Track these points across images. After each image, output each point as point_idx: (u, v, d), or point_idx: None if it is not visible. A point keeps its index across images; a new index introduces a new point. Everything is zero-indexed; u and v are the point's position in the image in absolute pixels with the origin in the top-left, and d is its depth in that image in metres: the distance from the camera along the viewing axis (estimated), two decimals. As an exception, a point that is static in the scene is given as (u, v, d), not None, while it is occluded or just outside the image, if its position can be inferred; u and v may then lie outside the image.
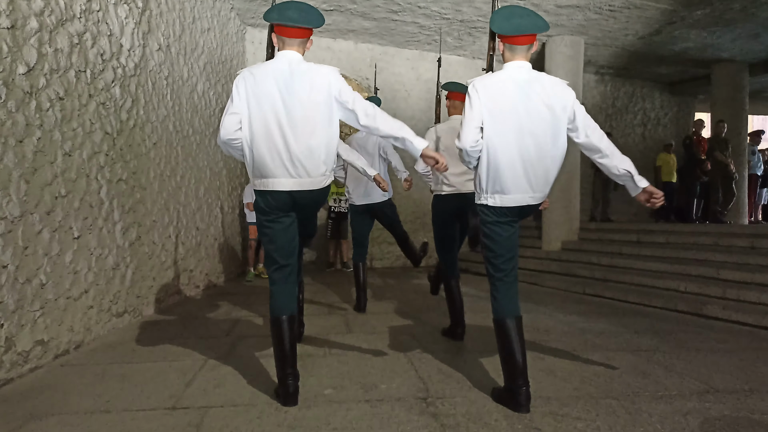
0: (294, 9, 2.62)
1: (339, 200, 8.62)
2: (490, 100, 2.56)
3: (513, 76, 2.59)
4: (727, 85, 9.83)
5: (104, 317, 3.99)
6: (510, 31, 2.57)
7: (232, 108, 2.60)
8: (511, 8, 2.64)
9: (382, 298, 5.93)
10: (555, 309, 5.37)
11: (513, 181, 2.58)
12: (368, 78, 9.20)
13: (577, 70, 8.56)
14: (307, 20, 2.62)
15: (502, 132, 2.55)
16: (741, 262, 5.85)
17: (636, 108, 11.44)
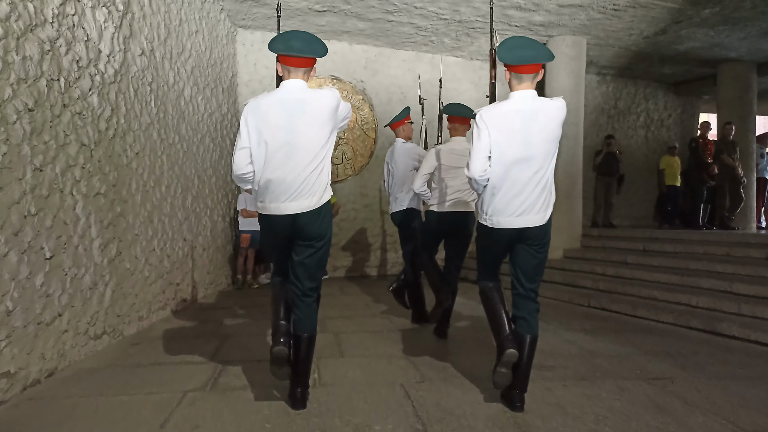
0: (297, 39, 2.71)
1: None
2: (496, 131, 2.71)
3: (518, 106, 2.73)
4: (734, 86, 9.58)
5: (80, 341, 3.73)
6: (516, 61, 2.70)
7: (241, 142, 2.71)
8: (517, 39, 2.75)
9: (378, 312, 5.67)
10: (559, 325, 5.12)
11: (513, 205, 2.76)
12: (363, 80, 8.93)
13: (579, 72, 8.30)
14: (311, 50, 2.71)
15: (505, 160, 2.70)
16: (756, 274, 5.60)
17: (639, 109, 11.19)
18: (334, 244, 8.80)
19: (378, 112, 9.02)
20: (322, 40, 2.78)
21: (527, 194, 2.73)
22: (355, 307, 5.96)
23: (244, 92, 8.31)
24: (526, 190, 2.72)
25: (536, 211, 2.75)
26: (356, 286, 7.65)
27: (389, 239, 9.15)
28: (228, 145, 7.61)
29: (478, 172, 2.73)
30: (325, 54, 2.77)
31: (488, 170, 2.73)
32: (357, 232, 8.98)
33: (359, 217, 8.98)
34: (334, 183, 8.78)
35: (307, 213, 2.69)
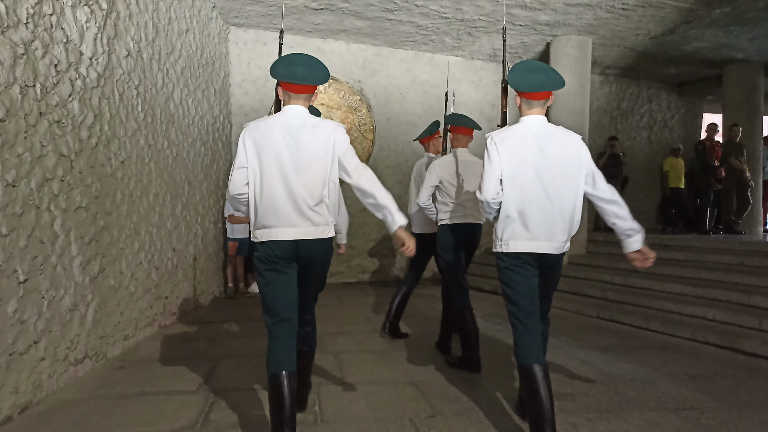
0: (300, 64, 2.61)
1: None
2: (508, 154, 2.63)
3: (530, 130, 2.66)
4: (740, 87, 9.35)
5: (59, 368, 3.43)
6: (527, 88, 2.64)
7: (238, 162, 2.60)
8: (529, 64, 2.69)
9: (378, 327, 5.40)
10: (571, 340, 4.87)
11: (528, 230, 2.65)
12: (360, 80, 8.63)
13: (584, 73, 8.05)
14: (315, 78, 2.62)
15: (518, 184, 2.63)
16: (773, 286, 5.37)
17: (642, 110, 10.95)
18: (331, 250, 8.52)
19: (376, 114, 8.73)
20: (324, 65, 2.69)
21: (543, 218, 2.64)
22: (355, 321, 5.68)
23: (237, 93, 8.01)
24: (541, 214, 2.64)
25: (557, 237, 2.68)
26: (355, 295, 7.37)
27: (387, 244, 8.87)
28: (220, 149, 7.31)
29: (491, 195, 2.65)
30: (327, 80, 2.71)
31: (500, 193, 2.66)
32: (354, 237, 8.69)
33: (356, 222, 8.68)
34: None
35: (310, 240, 2.62)
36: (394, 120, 8.88)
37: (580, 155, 2.66)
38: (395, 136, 8.89)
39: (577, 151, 2.66)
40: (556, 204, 2.63)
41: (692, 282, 5.94)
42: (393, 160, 8.89)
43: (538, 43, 8.40)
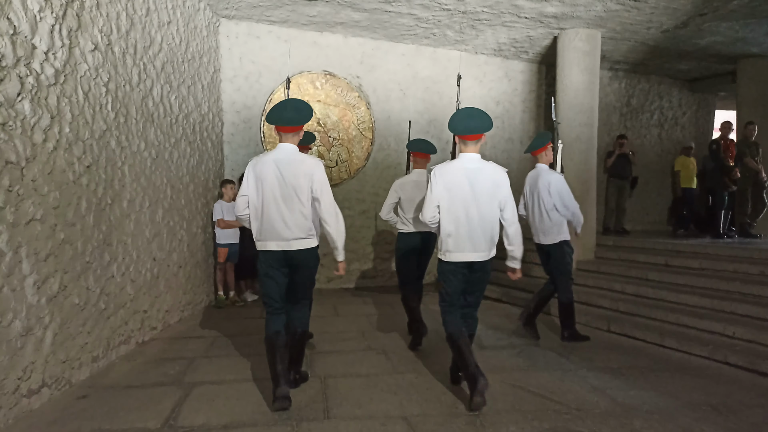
0: (290, 109, 3.44)
1: None
2: (444, 186, 3.44)
3: (463, 165, 3.44)
4: (755, 83, 8.90)
5: (6, 402, 3.06)
6: (462, 132, 3.43)
7: (242, 190, 3.51)
8: (467, 111, 3.45)
9: (373, 343, 5.02)
10: (580, 360, 4.48)
11: (459, 245, 3.48)
12: (359, 76, 8.22)
13: (593, 68, 7.61)
14: (299, 119, 3.45)
15: (452, 208, 3.45)
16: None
17: (652, 107, 10.51)
18: (329, 254, 8.14)
19: (375, 111, 8.33)
20: (310, 106, 3.51)
21: (471, 235, 3.46)
22: (348, 336, 5.30)
23: (229, 89, 7.61)
24: (470, 232, 3.45)
25: (483, 248, 3.50)
26: (352, 304, 6.99)
27: (387, 248, 8.49)
28: (209, 148, 6.93)
29: (428, 218, 3.51)
30: (310, 119, 3.52)
31: (437, 216, 3.49)
32: (352, 241, 8.30)
33: (355, 225, 8.30)
34: (326, 188, 8.10)
35: (295, 251, 3.46)
36: (394, 118, 8.47)
37: (500, 186, 3.44)
38: (396, 135, 8.48)
39: (498, 183, 3.44)
40: (479, 225, 3.44)
41: (709, 293, 5.53)
42: (393, 160, 8.49)
43: (545, 37, 7.98)
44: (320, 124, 7.98)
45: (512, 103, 9.33)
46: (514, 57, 9.10)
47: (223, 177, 7.40)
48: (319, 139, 7.99)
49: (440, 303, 3.66)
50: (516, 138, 9.40)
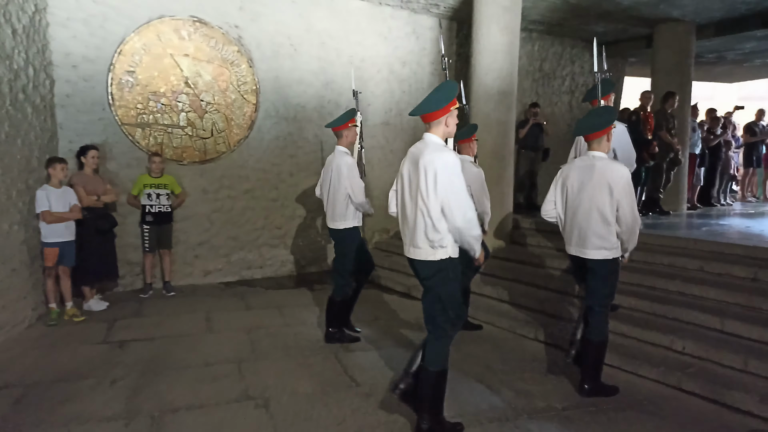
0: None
1: (156, 195, 5.97)
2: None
3: (411, 149, 3.01)
4: (671, 49, 8.43)
5: None
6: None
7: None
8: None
9: (254, 387, 3.81)
10: (514, 396, 3.57)
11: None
12: (238, 26, 6.66)
13: (513, 27, 6.64)
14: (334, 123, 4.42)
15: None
16: (748, 304, 4.38)
17: (564, 72, 9.85)
18: (205, 242, 6.72)
19: (260, 70, 6.84)
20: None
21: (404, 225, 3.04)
22: (218, 372, 4.04)
23: (61, 36, 5.77)
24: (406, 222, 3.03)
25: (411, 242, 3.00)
26: (231, 310, 5.66)
27: (277, 233, 7.19)
28: (30, 115, 5.17)
29: (390, 209, 3.34)
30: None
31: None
32: (234, 225, 6.92)
33: (237, 207, 6.91)
34: (201, 162, 6.61)
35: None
36: (284, 79, 7.04)
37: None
38: (286, 100, 7.08)
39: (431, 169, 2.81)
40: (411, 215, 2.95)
41: (645, 293, 4.86)
42: (283, 129, 7.10)
43: (459, -12, 6.86)
44: (189, 85, 6.38)
45: (420, 65, 8.20)
46: (423, 11, 7.93)
47: (55, 152, 5.65)
48: (189, 104, 6.41)
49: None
50: (425, 104, 8.31)
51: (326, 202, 4.58)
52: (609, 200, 3.39)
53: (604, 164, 3.45)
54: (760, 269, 4.68)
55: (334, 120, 4.56)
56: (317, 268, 7.56)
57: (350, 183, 4.35)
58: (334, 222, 4.52)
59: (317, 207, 7.45)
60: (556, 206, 3.72)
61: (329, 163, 4.52)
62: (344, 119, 4.45)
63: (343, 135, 4.47)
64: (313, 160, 7.36)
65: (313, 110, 7.27)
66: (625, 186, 3.38)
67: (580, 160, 3.63)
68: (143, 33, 6.09)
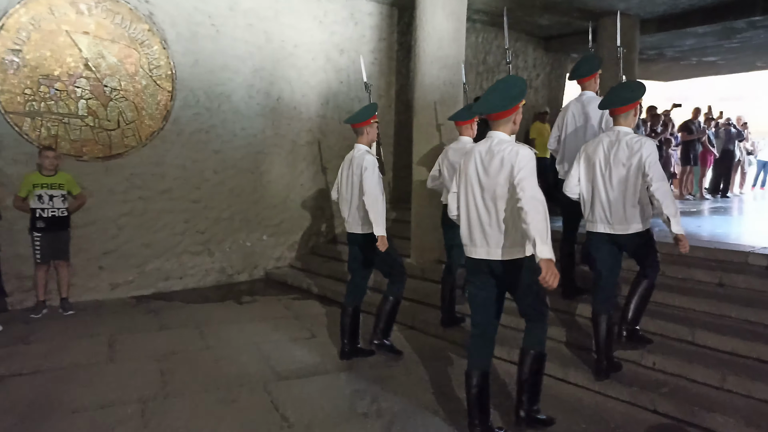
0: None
1: (49, 197, 5.09)
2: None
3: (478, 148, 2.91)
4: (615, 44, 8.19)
5: None
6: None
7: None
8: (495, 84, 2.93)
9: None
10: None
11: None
12: (149, 1, 5.79)
13: (460, 14, 6.12)
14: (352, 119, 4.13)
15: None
16: (717, 312, 4.05)
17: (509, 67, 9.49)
18: (113, 251, 5.83)
19: (176, 52, 5.99)
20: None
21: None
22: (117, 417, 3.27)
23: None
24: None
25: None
26: (140, 331, 4.84)
27: (199, 238, 6.38)
28: None
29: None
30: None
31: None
32: (149, 231, 6.06)
33: (151, 210, 6.04)
34: (106, 159, 5.71)
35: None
36: (205, 63, 6.23)
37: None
38: (208, 87, 6.27)
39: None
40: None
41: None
42: (205, 121, 6.29)
43: (401, -32, 6.29)
44: (89, 67, 5.47)
45: (360, 53, 7.55)
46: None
47: None
48: (90, 90, 5.49)
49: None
50: (364, 97, 7.68)
51: (347, 206, 4.15)
52: (637, 175, 3.37)
53: (632, 139, 3.41)
54: (725, 273, 4.39)
55: (354, 115, 4.17)
56: (247, 277, 6.80)
57: (368, 185, 3.88)
58: (360, 226, 4.08)
59: (247, 208, 6.70)
60: (580, 183, 3.63)
61: (348, 163, 4.13)
62: (367, 115, 4.08)
63: (365, 132, 4.11)
64: (242, 156, 6.59)
65: (240, 100, 6.49)
66: (655, 161, 3.33)
67: (606, 135, 3.55)
68: (31, 5, 5.13)
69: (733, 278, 4.32)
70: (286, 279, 6.64)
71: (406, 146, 7.95)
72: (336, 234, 7.57)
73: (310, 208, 7.30)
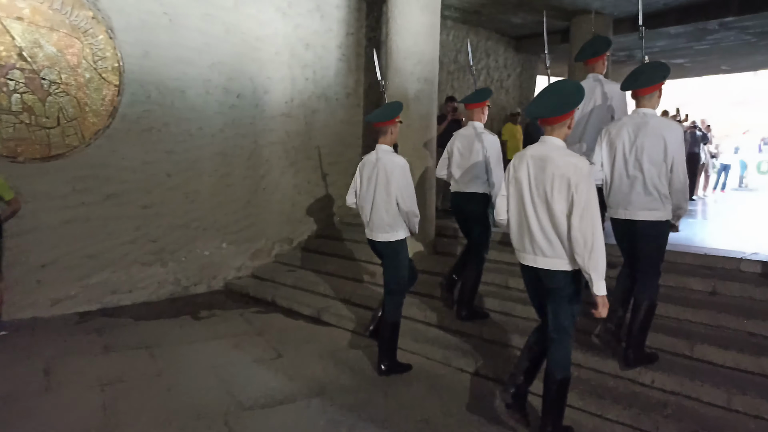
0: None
1: None
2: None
3: (531, 152, 2.81)
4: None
5: None
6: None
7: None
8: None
9: None
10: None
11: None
12: (93, -16, 5.23)
13: (435, 7, 5.83)
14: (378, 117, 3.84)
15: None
16: (712, 323, 3.80)
17: (479, 65, 9.26)
18: (53, 263, 5.24)
19: (125, 43, 5.43)
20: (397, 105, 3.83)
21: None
22: None
23: None
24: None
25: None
26: (80, 354, 4.28)
27: (151, 247, 5.82)
28: None
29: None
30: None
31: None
32: (94, 241, 5.48)
33: (96, 216, 5.46)
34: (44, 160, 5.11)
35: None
36: (157, 56, 5.69)
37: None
38: (160, 82, 5.73)
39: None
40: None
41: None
42: (157, 119, 5.75)
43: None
44: (24, 58, 4.87)
45: (326, 48, 7.14)
46: None
47: None
48: (25, 82, 4.90)
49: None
50: (331, 95, 7.28)
51: (368, 211, 3.89)
52: (663, 158, 3.23)
53: (658, 121, 3.31)
54: (719, 281, 4.15)
55: (379, 113, 3.91)
56: (205, 289, 6.26)
57: (401, 187, 3.72)
58: (382, 233, 3.85)
59: (204, 213, 6.17)
60: (603, 167, 3.45)
61: (370, 165, 3.87)
62: (392, 114, 3.84)
63: (389, 131, 3.87)
64: (199, 157, 6.07)
65: (197, 96, 5.96)
66: (681, 144, 3.28)
67: (630, 117, 3.39)
68: (-47, -15, 4.53)
69: (728, 286, 4.08)
70: (248, 290, 6.14)
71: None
72: (302, 241, 7.11)
73: (274, 213, 6.82)
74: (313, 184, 7.20)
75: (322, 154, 7.20)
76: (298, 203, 7.08)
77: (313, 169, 7.17)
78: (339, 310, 5.22)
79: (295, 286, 6.00)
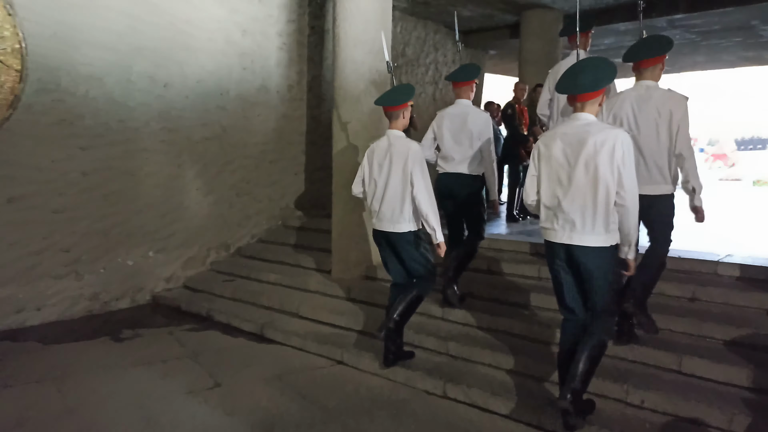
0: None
1: None
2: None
3: (564, 131, 2.81)
4: (541, 39, 7.87)
5: None
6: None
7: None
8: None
9: None
10: None
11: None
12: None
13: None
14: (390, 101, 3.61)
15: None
16: (696, 332, 3.54)
17: (428, 60, 8.89)
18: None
19: (29, 22, 4.61)
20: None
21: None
22: None
23: None
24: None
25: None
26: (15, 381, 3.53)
27: (64, 258, 5.04)
28: None
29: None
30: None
31: None
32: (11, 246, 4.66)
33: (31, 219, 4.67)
34: None
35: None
36: (68, 38, 4.93)
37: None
38: (72, 68, 4.97)
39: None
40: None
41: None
42: (69, 111, 4.99)
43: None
44: None
45: (266, 36, 6.53)
46: None
47: None
48: None
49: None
50: (272, 87, 6.67)
51: (379, 201, 3.65)
52: (669, 129, 3.21)
53: (662, 92, 3.25)
54: (698, 287, 3.91)
55: (389, 96, 3.69)
56: (129, 303, 5.53)
57: (418, 179, 3.49)
58: (395, 224, 3.62)
59: (127, 218, 5.44)
60: None
61: (381, 151, 3.65)
62: (404, 97, 3.63)
63: (401, 116, 3.66)
64: (120, 154, 5.33)
65: (116, 84, 5.22)
66: (685, 115, 3.21)
67: (632, 89, 3.33)
68: None
69: (709, 292, 3.85)
70: (179, 304, 5.45)
71: (322, 145, 7.04)
72: (242, 247, 6.47)
73: (209, 216, 6.15)
74: (252, 184, 6.57)
75: (262, 151, 6.60)
76: (236, 205, 6.44)
77: (252, 167, 6.54)
78: (285, 325, 4.66)
79: (233, 297, 5.39)
